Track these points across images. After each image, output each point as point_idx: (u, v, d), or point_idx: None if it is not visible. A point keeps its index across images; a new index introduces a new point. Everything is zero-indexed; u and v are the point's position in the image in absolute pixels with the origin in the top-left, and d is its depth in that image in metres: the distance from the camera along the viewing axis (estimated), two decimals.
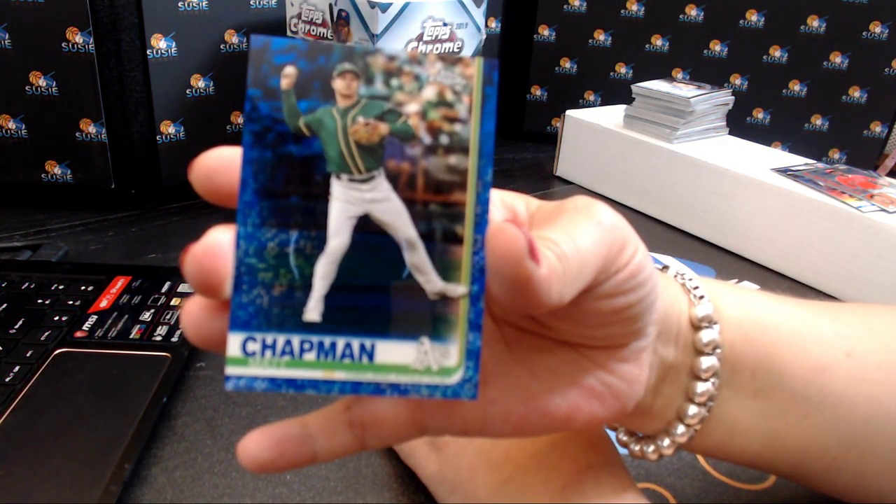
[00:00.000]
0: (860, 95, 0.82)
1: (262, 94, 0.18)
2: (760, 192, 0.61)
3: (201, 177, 0.18)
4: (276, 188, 0.18)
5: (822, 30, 0.80)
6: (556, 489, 0.28)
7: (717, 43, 0.83)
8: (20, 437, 0.34)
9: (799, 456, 0.28)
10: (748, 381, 0.26)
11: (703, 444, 0.27)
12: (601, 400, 0.23)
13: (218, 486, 0.34)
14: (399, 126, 0.19)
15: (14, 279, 0.47)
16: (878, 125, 0.83)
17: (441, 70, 0.19)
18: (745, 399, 0.27)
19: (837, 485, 0.29)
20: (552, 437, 0.29)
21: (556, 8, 0.85)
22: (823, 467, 0.28)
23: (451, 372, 0.19)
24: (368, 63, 0.19)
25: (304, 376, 0.19)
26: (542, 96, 0.90)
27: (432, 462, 0.33)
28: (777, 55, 0.82)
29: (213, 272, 0.18)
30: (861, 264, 0.55)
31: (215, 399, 0.40)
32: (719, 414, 0.27)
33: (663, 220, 0.70)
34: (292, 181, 0.18)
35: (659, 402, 0.26)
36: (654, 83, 0.71)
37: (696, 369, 0.26)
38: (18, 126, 0.60)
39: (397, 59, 0.19)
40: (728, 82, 0.84)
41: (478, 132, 0.19)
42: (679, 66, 0.85)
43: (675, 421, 0.27)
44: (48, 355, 0.40)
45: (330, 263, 0.19)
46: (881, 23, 0.78)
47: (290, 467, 0.21)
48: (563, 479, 0.28)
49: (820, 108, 0.84)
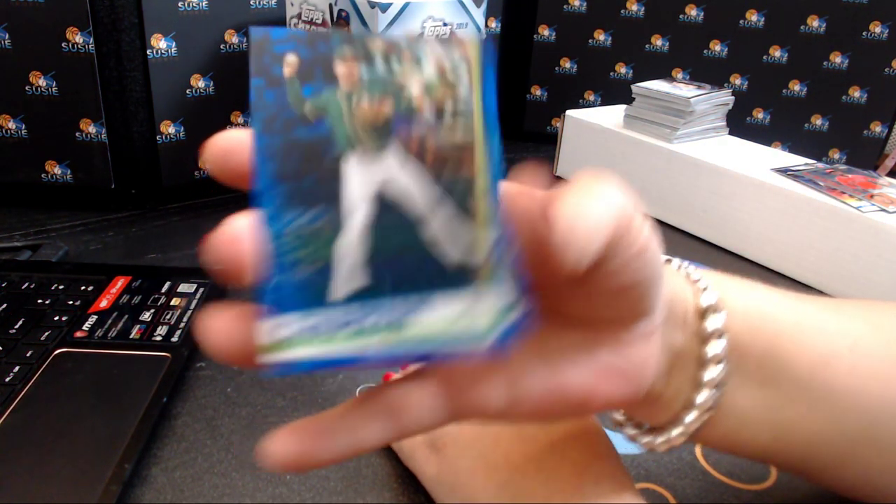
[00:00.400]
0: (860, 95, 0.82)
1: (265, 83, 0.18)
2: (760, 193, 0.61)
3: (217, 157, 0.18)
4: (290, 171, 0.18)
5: (822, 30, 0.80)
6: (556, 491, 0.28)
7: (717, 43, 0.83)
8: (20, 437, 0.34)
9: (806, 449, 0.28)
10: (755, 370, 0.26)
11: (712, 435, 0.27)
12: (616, 381, 0.24)
13: (218, 487, 0.34)
14: (403, 105, 0.19)
15: (14, 279, 0.47)
16: (878, 125, 0.83)
17: (439, 50, 0.19)
18: (753, 388, 0.27)
19: (845, 480, 0.29)
20: (551, 439, 0.29)
21: (556, 8, 0.85)
22: (831, 461, 0.28)
23: (485, 333, 0.19)
24: (368, 47, 0.19)
25: (339, 353, 0.19)
26: (542, 96, 0.90)
27: (432, 464, 0.33)
28: (777, 55, 0.82)
29: (237, 257, 0.18)
30: (861, 264, 0.55)
31: (215, 399, 0.40)
32: (728, 404, 0.26)
33: (663, 221, 0.70)
34: (305, 164, 0.19)
35: (670, 390, 0.26)
36: (654, 83, 0.71)
37: (704, 356, 0.26)
38: (18, 126, 0.60)
39: (395, 41, 0.19)
40: (728, 82, 0.84)
41: (480, 105, 0.19)
42: (679, 66, 0.85)
43: (684, 410, 0.27)
44: (48, 355, 0.40)
45: (350, 241, 0.19)
46: (881, 23, 0.78)
47: (319, 466, 0.21)
48: (562, 481, 0.28)
49: (820, 108, 0.84)
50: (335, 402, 0.40)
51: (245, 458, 0.35)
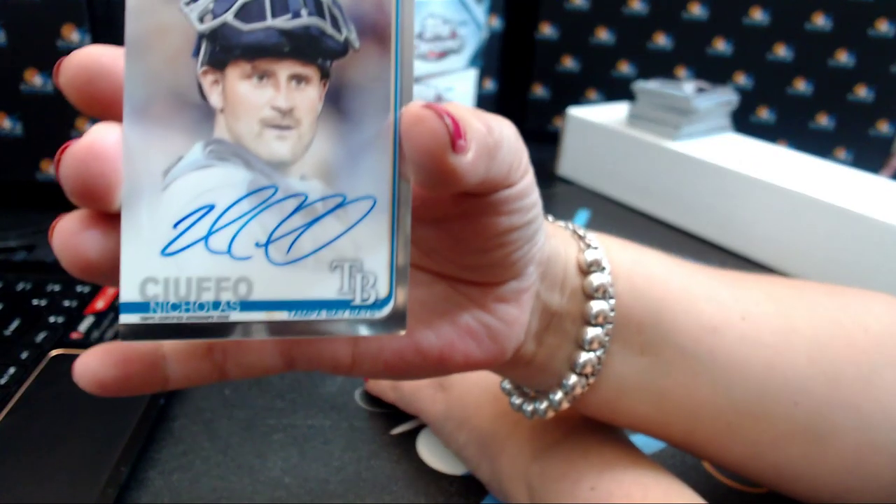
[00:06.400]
0: (867, 94, 0.81)
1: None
2: (764, 192, 0.60)
3: (77, 80, 0.17)
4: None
5: (827, 27, 0.79)
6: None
7: (721, 41, 0.82)
8: (15, 439, 0.33)
9: (691, 420, 0.27)
10: (635, 336, 0.26)
11: (591, 402, 0.27)
12: (477, 340, 0.23)
13: (216, 490, 0.33)
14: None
15: (9, 280, 0.47)
16: (885, 124, 0.82)
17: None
18: (633, 355, 0.26)
19: (734, 454, 0.28)
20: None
21: (559, 5, 0.84)
22: (717, 433, 0.27)
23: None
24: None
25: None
26: (544, 95, 0.90)
27: (438, 402, 0.34)
28: (782, 53, 0.81)
29: (100, 178, 0.16)
30: (865, 265, 0.54)
31: (213, 402, 0.39)
32: (606, 371, 0.26)
33: (666, 220, 0.69)
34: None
35: (543, 351, 0.25)
36: (658, 81, 0.70)
37: (586, 314, 0.25)
38: (14, 124, 0.59)
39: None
40: (732, 81, 0.84)
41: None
42: (683, 65, 0.84)
43: (567, 373, 0.26)
44: (44, 357, 0.39)
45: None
46: (888, 20, 0.77)
47: (137, 391, 0.19)
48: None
49: (826, 106, 0.83)
50: (335, 404, 0.40)
51: (243, 461, 0.35)
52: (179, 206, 0.17)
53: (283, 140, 0.18)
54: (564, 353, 0.26)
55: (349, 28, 0.18)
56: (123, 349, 0.19)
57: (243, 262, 0.18)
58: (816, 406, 0.26)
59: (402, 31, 0.18)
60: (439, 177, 0.17)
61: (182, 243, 0.17)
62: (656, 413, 0.27)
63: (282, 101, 0.18)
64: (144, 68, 0.17)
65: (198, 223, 0.17)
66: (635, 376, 0.26)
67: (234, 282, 0.18)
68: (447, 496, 0.34)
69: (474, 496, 0.34)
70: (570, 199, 0.73)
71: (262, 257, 0.18)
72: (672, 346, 0.26)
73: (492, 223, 0.21)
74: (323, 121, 0.18)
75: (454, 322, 0.23)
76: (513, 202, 0.21)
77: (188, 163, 0.17)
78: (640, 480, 0.26)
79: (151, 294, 0.17)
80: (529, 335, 0.25)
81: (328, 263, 0.18)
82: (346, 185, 0.18)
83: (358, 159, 0.18)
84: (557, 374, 0.26)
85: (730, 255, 0.63)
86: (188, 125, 0.17)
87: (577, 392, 0.26)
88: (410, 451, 0.36)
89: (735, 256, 0.63)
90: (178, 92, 0.17)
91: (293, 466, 0.35)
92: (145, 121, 0.17)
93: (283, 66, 0.17)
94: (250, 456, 0.35)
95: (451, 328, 0.23)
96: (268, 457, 0.35)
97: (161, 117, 0.17)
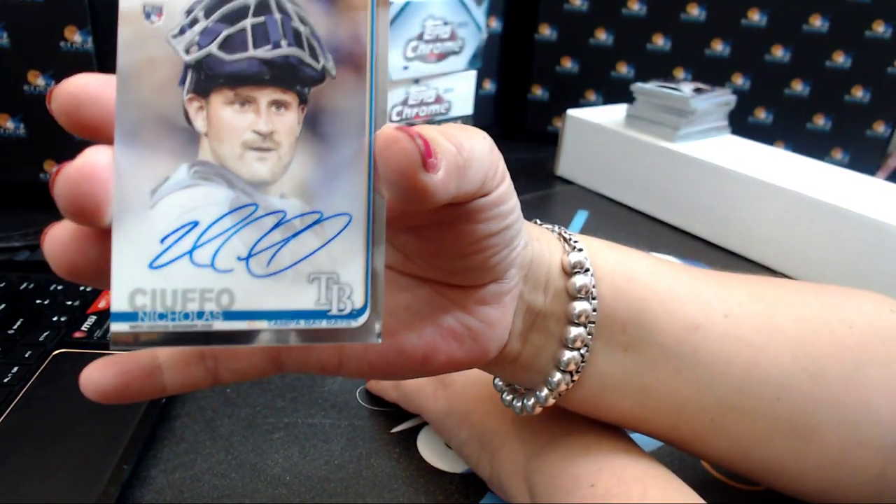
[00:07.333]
0: (863, 95, 0.81)
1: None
2: (763, 192, 0.60)
3: (67, 107, 0.17)
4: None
5: (824, 29, 0.79)
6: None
7: (719, 42, 0.82)
8: (18, 438, 0.34)
9: (674, 416, 0.27)
10: (619, 335, 0.26)
11: (575, 398, 0.27)
12: (460, 341, 0.24)
13: (217, 488, 0.33)
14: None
15: (12, 279, 0.47)
16: (882, 125, 0.83)
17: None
18: (616, 353, 0.26)
19: (719, 450, 0.28)
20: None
21: (558, 7, 0.84)
22: (701, 429, 0.27)
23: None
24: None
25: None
26: (544, 96, 0.90)
27: (440, 399, 0.34)
28: (779, 54, 0.82)
29: (91, 197, 0.17)
30: (864, 265, 0.54)
31: (215, 400, 0.39)
32: (590, 369, 0.26)
33: (665, 220, 0.69)
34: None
35: (528, 350, 0.26)
36: (656, 83, 0.70)
37: (569, 314, 0.26)
38: (17, 125, 0.60)
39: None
40: (730, 82, 0.84)
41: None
42: (681, 66, 0.84)
43: (552, 371, 0.26)
44: (47, 356, 0.39)
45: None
46: (884, 22, 0.78)
47: (137, 399, 0.21)
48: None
49: (822, 107, 0.83)
50: (335, 403, 0.40)
51: (245, 459, 0.35)
52: (166, 223, 0.18)
53: (263, 161, 0.19)
54: (549, 352, 0.26)
55: (326, 57, 0.19)
56: (122, 361, 0.21)
57: (226, 275, 0.19)
58: (800, 402, 0.27)
59: (376, 60, 0.19)
60: (412, 194, 0.18)
61: (168, 257, 0.18)
62: (640, 409, 0.27)
63: (262, 125, 0.19)
64: (134, 96, 0.18)
65: (183, 238, 0.18)
66: (619, 374, 0.27)
67: (217, 293, 0.19)
68: (447, 494, 0.34)
69: (474, 494, 0.34)
70: (569, 200, 0.74)
71: (243, 270, 0.19)
72: (655, 345, 0.26)
73: (469, 230, 0.21)
74: (301, 143, 0.19)
75: (437, 324, 0.23)
76: (489, 209, 0.21)
77: (174, 182, 0.18)
78: (639, 478, 0.26)
79: (140, 304, 0.18)
80: (514, 334, 0.26)
81: (306, 276, 0.19)
82: (323, 203, 0.19)
83: (334, 179, 0.19)
84: (543, 371, 0.27)
85: (728, 254, 0.64)
86: (174, 148, 0.18)
87: (561, 389, 0.26)
88: (411, 449, 0.37)
89: (733, 256, 0.63)
90: (166, 117, 0.18)
91: (294, 464, 0.35)
92: (135, 144, 0.18)
93: (263, 92, 0.19)
94: (251, 454, 0.36)
95: (433, 330, 0.23)
96: (269, 455, 0.36)
97: (149, 141, 0.18)
